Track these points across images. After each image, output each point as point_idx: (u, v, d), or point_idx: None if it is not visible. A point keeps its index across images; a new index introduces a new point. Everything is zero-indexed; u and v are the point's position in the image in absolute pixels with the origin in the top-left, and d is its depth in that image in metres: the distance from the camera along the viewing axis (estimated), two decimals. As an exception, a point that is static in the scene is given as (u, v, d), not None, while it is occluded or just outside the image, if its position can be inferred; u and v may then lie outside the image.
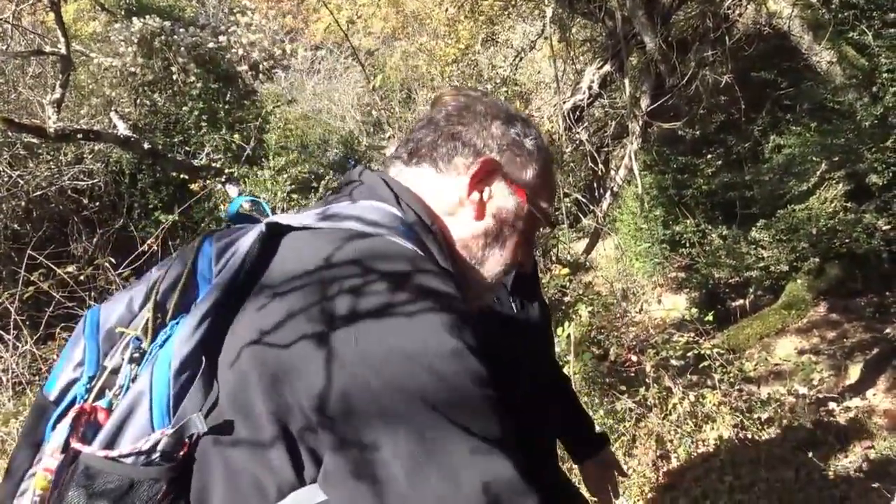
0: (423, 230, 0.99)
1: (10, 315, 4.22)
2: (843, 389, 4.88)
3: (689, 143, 7.14)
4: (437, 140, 1.07)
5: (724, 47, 5.58)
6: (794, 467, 3.81)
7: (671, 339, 4.37)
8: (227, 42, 7.52)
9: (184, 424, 0.81)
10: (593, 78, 6.14)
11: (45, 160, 7.48)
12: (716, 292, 6.86)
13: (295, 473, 0.81)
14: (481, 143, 1.05)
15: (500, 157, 1.06)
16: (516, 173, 1.07)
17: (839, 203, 5.62)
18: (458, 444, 0.75)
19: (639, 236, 8.21)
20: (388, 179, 1.05)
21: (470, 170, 1.04)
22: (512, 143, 1.07)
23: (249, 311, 0.86)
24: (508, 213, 1.07)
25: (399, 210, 1.00)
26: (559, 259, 5.29)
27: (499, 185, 1.07)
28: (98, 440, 0.82)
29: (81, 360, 0.93)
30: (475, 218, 1.05)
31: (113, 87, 7.82)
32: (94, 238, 7.28)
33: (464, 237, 1.06)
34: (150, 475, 0.81)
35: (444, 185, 1.06)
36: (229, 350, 0.85)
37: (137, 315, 0.94)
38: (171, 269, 0.95)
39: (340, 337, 0.78)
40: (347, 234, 0.89)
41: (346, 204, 0.99)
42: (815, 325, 5.95)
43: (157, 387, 0.83)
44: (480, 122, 1.07)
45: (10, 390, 4.20)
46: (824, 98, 5.67)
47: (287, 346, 0.80)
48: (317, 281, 0.83)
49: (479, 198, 1.05)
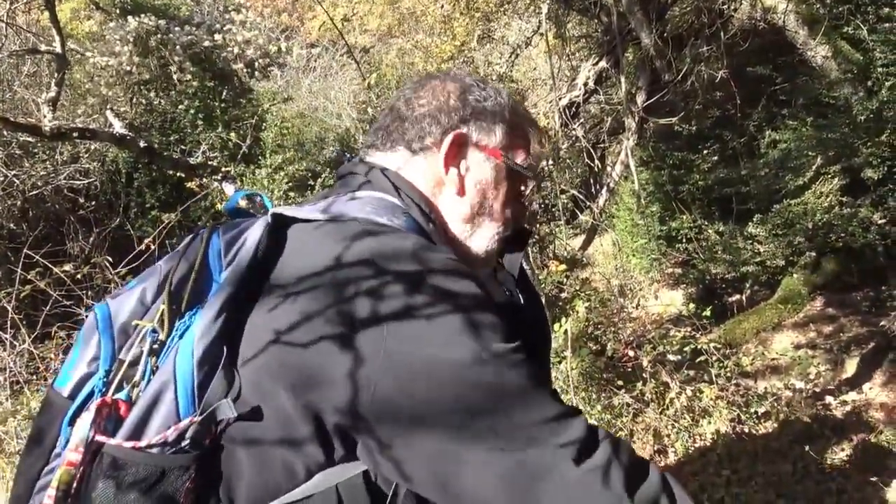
0: (423, 218, 1.01)
1: (8, 314, 4.21)
2: (839, 383, 4.90)
3: (685, 139, 7.14)
4: (404, 125, 1.08)
5: (720, 43, 5.58)
6: (791, 461, 3.83)
7: (668, 334, 4.38)
8: (222, 40, 7.50)
9: (212, 411, 0.83)
10: (589, 74, 6.15)
11: (41, 159, 7.46)
12: (712, 287, 6.88)
13: (325, 454, 0.84)
14: (446, 120, 1.06)
15: (467, 127, 1.07)
16: (485, 139, 1.08)
17: (835, 197, 5.63)
18: (524, 438, 0.79)
19: (635, 232, 8.23)
20: (384, 170, 1.06)
21: (442, 148, 1.05)
22: (474, 111, 1.08)
23: (263, 308, 0.87)
24: (488, 181, 1.08)
25: (399, 200, 1.01)
26: (556, 255, 5.29)
27: (473, 156, 1.08)
28: (122, 432, 0.84)
29: (96, 355, 0.94)
30: (458, 194, 1.07)
31: (109, 86, 7.79)
32: (91, 237, 7.27)
33: (452, 215, 1.07)
34: (180, 463, 0.82)
35: (423, 168, 1.07)
36: (248, 345, 0.86)
37: (151, 308, 0.95)
38: (182, 261, 0.96)
39: (365, 341, 0.80)
40: (354, 232, 0.89)
41: (349, 197, 1.00)
42: (812, 319, 5.96)
43: (181, 376, 0.84)
44: (439, 100, 1.08)
45: (7, 389, 4.19)
46: (820, 93, 5.68)
47: (307, 348, 0.81)
48: (329, 282, 0.84)
49: (458, 173, 1.06)
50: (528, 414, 0.79)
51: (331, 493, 0.84)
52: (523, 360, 0.83)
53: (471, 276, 0.87)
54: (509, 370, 0.81)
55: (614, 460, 0.80)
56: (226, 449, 0.85)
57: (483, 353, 0.80)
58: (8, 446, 3.98)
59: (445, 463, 0.79)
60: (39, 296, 4.41)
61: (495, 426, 0.78)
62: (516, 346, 0.83)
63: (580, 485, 0.77)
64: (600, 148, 7.03)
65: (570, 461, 0.78)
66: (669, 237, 7.43)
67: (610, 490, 0.77)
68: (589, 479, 0.77)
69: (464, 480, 0.78)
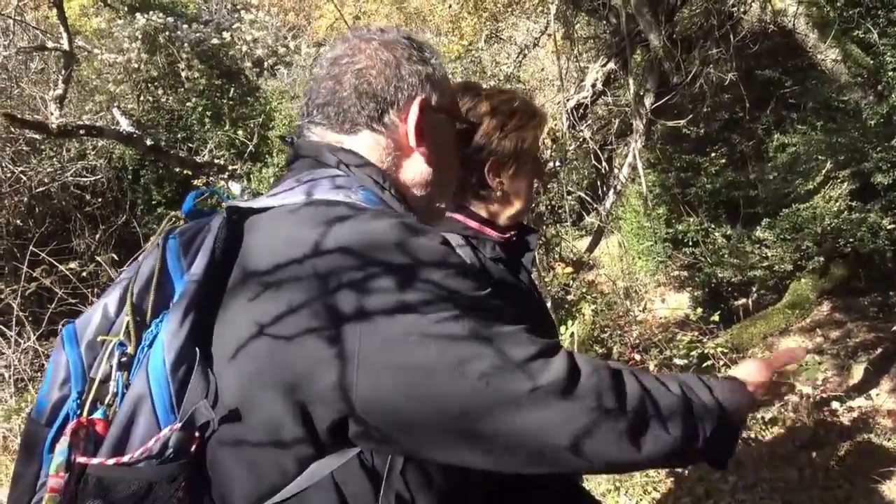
0: (378, 188, 1.00)
1: (13, 311, 4.22)
2: (846, 389, 4.86)
3: (693, 142, 7.11)
4: (359, 102, 1.03)
5: (729, 45, 5.55)
6: (797, 467, 3.80)
7: (675, 338, 4.36)
8: (230, 38, 7.51)
9: (191, 415, 0.81)
10: (597, 76, 6.12)
11: (47, 156, 7.47)
12: (718, 291, 6.84)
13: (315, 448, 0.83)
14: (405, 92, 1.04)
15: (425, 91, 1.06)
16: (439, 99, 1.08)
17: (844, 202, 5.59)
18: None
19: (641, 235, 8.20)
20: (336, 151, 1.02)
21: (409, 120, 1.04)
22: (425, 77, 1.07)
23: (240, 300, 0.85)
24: (447, 141, 1.11)
25: (355, 178, 0.99)
26: (562, 257, 5.27)
27: (433, 120, 1.07)
28: (104, 450, 0.82)
29: (66, 377, 0.92)
30: (426, 162, 1.07)
31: (116, 83, 7.80)
32: (97, 234, 7.28)
33: (417, 180, 1.07)
34: (167, 473, 0.81)
35: (385, 140, 1.04)
36: (226, 341, 0.85)
37: (116, 321, 0.93)
38: (141, 269, 0.95)
39: (350, 336, 0.79)
40: (328, 217, 0.87)
41: (308, 179, 0.97)
42: (819, 324, 5.93)
43: (155, 386, 0.83)
44: (392, 70, 1.04)
45: (12, 386, 4.20)
46: (829, 97, 5.64)
47: (293, 343, 0.80)
48: (312, 272, 0.82)
49: (423, 139, 1.05)
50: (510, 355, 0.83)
51: (327, 482, 0.83)
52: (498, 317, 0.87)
53: (462, 266, 0.88)
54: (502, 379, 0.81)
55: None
56: (214, 453, 0.84)
57: (474, 353, 0.81)
58: (12, 444, 3.99)
59: (454, 437, 0.81)
60: (45, 293, 4.42)
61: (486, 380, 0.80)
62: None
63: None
64: (608, 150, 7.00)
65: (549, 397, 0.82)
66: (675, 240, 7.40)
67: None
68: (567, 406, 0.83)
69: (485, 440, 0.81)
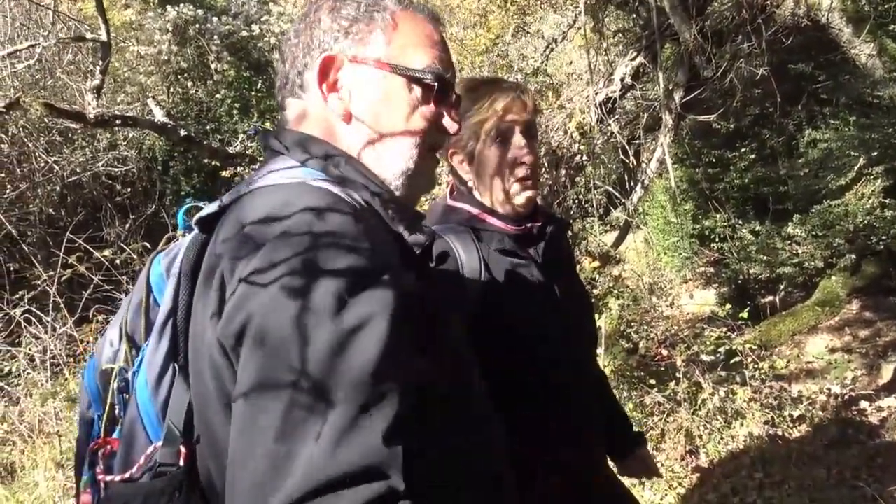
0: (324, 163, 0.93)
1: (49, 297, 4.31)
2: (875, 388, 4.80)
3: (722, 137, 7.04)
4: (285, 69, 1.00)
5: (761, 39, 5.47)
6: (825, 466, 3.76)
7: (702, 334, 4.33)
8: (259, 31, 7.56)
9: (168, 431, 0.87)
10: (626, 69, 6.07)
11: (80, 146, 7.60)
12: (745, 288, 6.78)
13: None
14: (318, 49, 0.96)
15: (338, 46, 0.96)
16: (363, 51, 0.96)
17: (877, 199, 5.51)
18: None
19: (667, 230, 8.14)
20: (280, 135, 0.98)
21: (315, 79, 0.96)
22: (348, 26, 0.96)
23: (199, 304, 0.88)
24: (378, 97, 0.96)
25: (298, 161, 0.94)
26: (589, 251, 5.26)
27: (352, 75, 0.96)
28: (116, 467, 0.90)
29: (90, 402, 1.01)
30: (345, 121, 0.96)
31: (147, 74, 7.91)
32: (127, 224, 7.39)
33: (353, 147, 0.96)
34: (158, 487, 0.85)
35: (308, 109, 0.98)
36: (197, 352, 0.87)
37: (119, 349, 0.99)
38: (134, 296, 1.01)
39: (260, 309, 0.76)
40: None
41: (266, 171, 0.95)
42: (848, 322, 5.85)
43: (142, 405, 0.90)
44: (311, 27, 0.98)
45: (48, 371, 4.29)
46: (863, 92, 5.56)
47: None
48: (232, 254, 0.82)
49: (338, 99, 0.96)
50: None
51: None
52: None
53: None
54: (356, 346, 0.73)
55: None
56: (204, 463, 0.86)
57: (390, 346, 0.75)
58: (47, 426, 4.08)
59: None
60: (80, 279, 4.50)
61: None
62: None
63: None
64: (635, 144, 6.95)
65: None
66: (702, 236, 7.34)
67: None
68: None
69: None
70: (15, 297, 4.66)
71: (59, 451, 3.77)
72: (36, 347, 4.46)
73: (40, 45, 4.92)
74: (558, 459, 1.39)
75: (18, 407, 4.32)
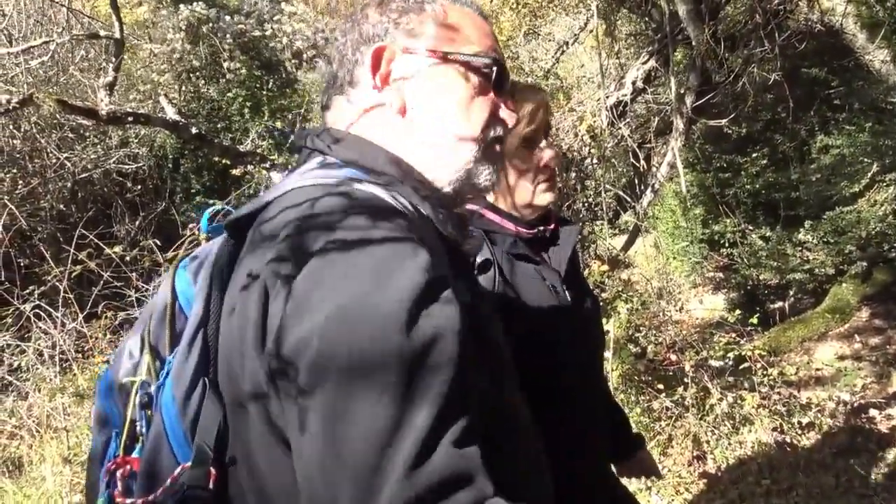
0: (368, 170, 0.88)
1: (59, 293, 4.33)
2: (886, 396, 4.77)
3: (733, 142, 7.01)
4: (336, 70, 0.96)
5: (774, 44, 5.46)
6: (833, 473, 3.74)
7: (711, 339, 4.32)
8: (271, 30, 7.59)
9: (198, 451, 0.79)
10: (638, 73, 6.07)
11: (91, 143, 7.63)
12: (755, 294, 6.75)
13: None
14: (368, 43, 0.93)
15: (389, 37, 0.92)
16: (415, 42, 0.92)
17: (889, 206, 5.48)
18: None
19: (677, 234, 8.10)
20: (321, 133, 0.94)
21: (371, 71, 0.92)
22: (397, 17, 0.93)
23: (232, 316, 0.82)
24: (433, 88, 0.92)
25: (341, 161, 0.90)
26: (598, 255, 5.25)
27: (407, 66, 0.92)
28: (136, 489, 0.83)
29: (106, 419, 0.93)
30: (399, 113, 0.91)
31: (160, 73, 7.94)
32: (137, 221, 7.42)
33: (411, 142, 0.91)
34: None
35: (360, 104, 0.94)
36: (227, 363, 0.82)
37: (140, 361, 0.91)
38: (157, 302, 0.94)
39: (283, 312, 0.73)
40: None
41: (297, 176, 0.90)
42: (858, 330, 5.82)
43: (168, 422, 0.82)
44: (358, 24, 0.95)
45: (57, 366, 4.32)
46: (877, 98, 5.53)
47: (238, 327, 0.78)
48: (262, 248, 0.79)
49: (392, 91, 0.92)
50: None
51: None
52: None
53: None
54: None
55: None
56: (235, 485, 0.81)
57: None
58: (54, 421, 4.10)
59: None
60: (90, 275, 4.53)
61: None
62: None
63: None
64: (646, 148, 6.94)
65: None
66: (712, 241, 7.31)
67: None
68: None
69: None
70: (25, 293, 4.69)
71: (66, 447, 3.78)
72: (45, 343, 4.49)
73: (54, 41, 4.95)
74: (563, 463, 1.39)
75: (27, 402, 4.35)
